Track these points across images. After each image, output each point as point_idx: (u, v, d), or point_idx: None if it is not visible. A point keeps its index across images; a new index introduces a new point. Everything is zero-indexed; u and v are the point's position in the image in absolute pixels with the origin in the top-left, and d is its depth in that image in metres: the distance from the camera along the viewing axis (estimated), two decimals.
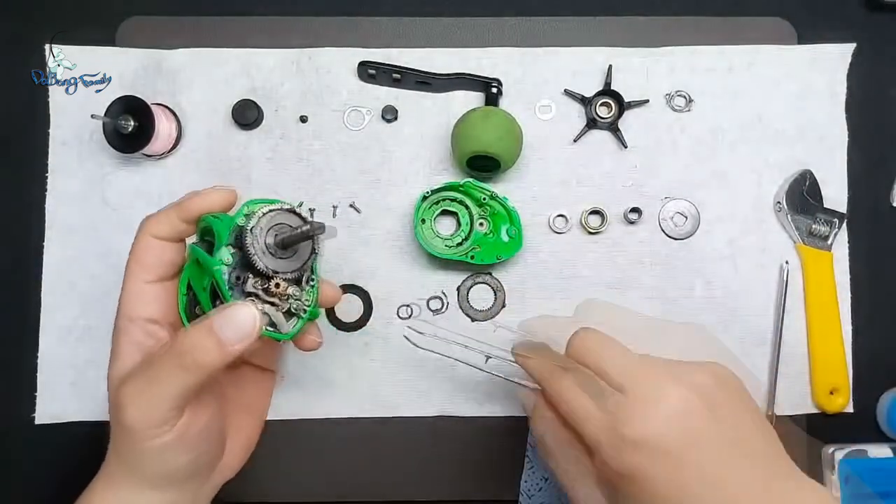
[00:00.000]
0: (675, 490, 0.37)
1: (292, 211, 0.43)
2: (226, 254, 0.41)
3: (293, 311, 0.43)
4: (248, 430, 0.51)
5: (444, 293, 0.59)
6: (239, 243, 0.41)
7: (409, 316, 0.58)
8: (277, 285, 0.41)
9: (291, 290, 0.42)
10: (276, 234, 0.42)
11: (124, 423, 0.40)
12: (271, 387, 0.55)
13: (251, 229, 0.41)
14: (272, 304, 0.42)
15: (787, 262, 0.58)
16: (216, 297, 0.43)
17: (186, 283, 0.45)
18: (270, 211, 0.42)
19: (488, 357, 0.49)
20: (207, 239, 0.44)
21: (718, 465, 0.37)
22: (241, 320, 0.39)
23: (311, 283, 0.44)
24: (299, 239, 0.41)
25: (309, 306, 0.44)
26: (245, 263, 0.41)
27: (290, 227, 0.42)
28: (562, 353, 0.43)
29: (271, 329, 0.42)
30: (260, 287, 0.41)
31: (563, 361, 0.43)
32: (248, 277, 0.41)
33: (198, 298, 0.44)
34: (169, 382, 0.40)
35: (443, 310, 0.59)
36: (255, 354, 0.53)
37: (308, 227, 0.40)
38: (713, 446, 0.37)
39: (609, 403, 0.39)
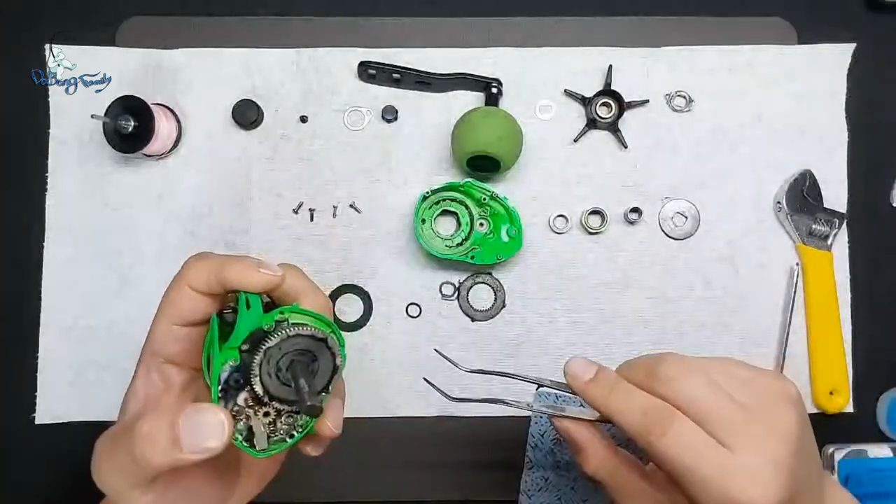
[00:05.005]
0: None
1: (324, 341, 0.38)
2: (233, 354, 0.37)
3: (280, 429, 0.38)
4: (263, 468, 0.46)
5: (458, 282, 0.59)
6: (254, 346, 0.37)
7: (419, 314, 0.59)
8: (275, 409, 0.37)
9: (286, 416, 0.38)
10: (290, 360, 0.37)
11: (98, 479, 0.37)
12: None
13: (266, 349, 0.36)
14: (264, 414, 0.37)
15: (797, 265, 0.58)
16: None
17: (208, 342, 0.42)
18: (298, 336, 0.37)
19: (539, 385, 0.43)
20: (233, 307, 0.41)
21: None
22: (207, 426, 0.34)
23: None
24: (294, 395, 0.37)
25: (299, 432, 0.38)
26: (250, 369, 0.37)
27: (309, 360, 0.38)
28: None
29: (246, 444, 0.36)
30: (252, 402, 0.37)
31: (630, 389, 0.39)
32: (249, 387, 0.37)
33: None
34: (123, 461, 0.36)
35: (453, 296, 0.59)
36: None
37: (306, 403, 0.35)
38: (803, 487, 0.37)
39: (711, 459, 0.36)
